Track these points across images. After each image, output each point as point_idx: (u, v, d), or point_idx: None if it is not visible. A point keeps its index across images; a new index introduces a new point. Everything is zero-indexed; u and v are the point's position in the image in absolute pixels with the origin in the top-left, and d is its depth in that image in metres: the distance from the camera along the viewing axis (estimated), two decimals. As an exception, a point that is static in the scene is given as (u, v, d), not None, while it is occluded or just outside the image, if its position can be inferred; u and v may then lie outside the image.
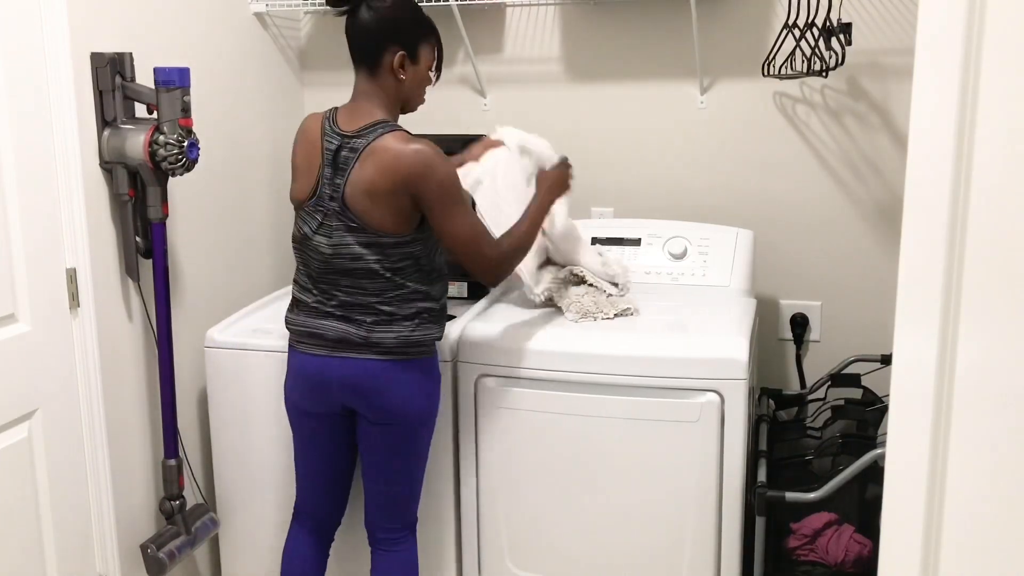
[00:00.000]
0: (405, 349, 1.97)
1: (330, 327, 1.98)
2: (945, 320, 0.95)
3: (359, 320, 1.96)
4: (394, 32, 1.93)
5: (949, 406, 0.97)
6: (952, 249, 0.94)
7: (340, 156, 1.92)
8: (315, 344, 2.00)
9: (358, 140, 1.91)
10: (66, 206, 2.01)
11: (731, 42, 2.68)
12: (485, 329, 2.28)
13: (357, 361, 1.97)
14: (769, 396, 2.69)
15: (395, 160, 1.87)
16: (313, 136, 1.98)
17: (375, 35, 1.92)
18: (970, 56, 0.90)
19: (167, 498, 2.30)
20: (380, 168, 1.87)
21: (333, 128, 1.95)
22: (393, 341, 1.96)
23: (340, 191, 1.91)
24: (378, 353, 1.97)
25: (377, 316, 1.96)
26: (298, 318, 2.04)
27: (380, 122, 1.92)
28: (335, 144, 1.93)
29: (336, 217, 1.92)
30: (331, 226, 1.93)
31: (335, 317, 1.98)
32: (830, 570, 2.17)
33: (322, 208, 1.94)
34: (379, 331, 1.96)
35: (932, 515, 0.99)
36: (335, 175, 1.92)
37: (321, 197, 1.94)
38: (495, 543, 2.29)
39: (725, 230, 2.58)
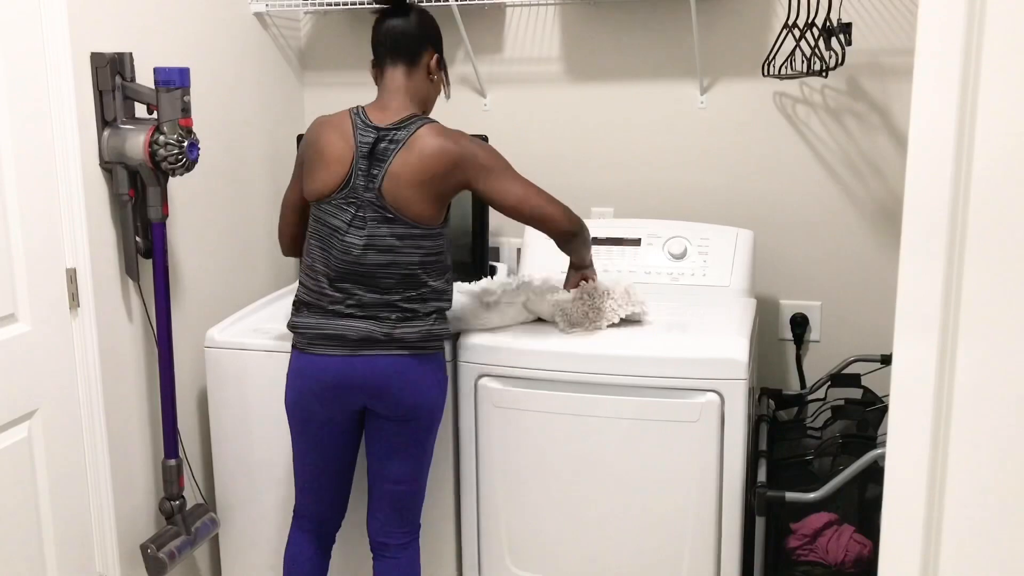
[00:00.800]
0: (426, 343, 2.01)
1: (351, 327, 1.98)
2: (945, 320, 0.95)
3: (383, 317, 1.98)
4: (434, 35, 2.08)
5: (949, 406, 0.97)
6: (952, 250, 0.94)
7: (378, 148, 1.96)
8: (333, 345, 1.99)
9: (398, 132, 1.97)
10: (66, 206, 2.01)
11: (731, 42, 2.68)
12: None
13: (380, 358, 1.98)
14: (769, 396, 2.69)
15: (442, 150, 1.96)
16: (341, 130, 2.00)
17: (420, 35, 2.04)
18: (970, 56, 0.90)
19: (167, 498, 2.30)
20: (426, 157, 1.94)
21: (366, 123, 1.99)
22: (416, 336, 1.99)
23: (378, 181, 1.95)
24: (402, 348, 1.98)
25: (402, 313, 1.98)
26: (310, 320, 2.02)
27: (415, 115, 2.01)
28: (372, 137, 1.97)
29: (371, 208, 1.96)
30: (365, 218, 1.96)
31: (356, 317, 1.98)
32: (830, 570, 2.17)
33: (355, 199, 1.97)
34: (402, 327, 1.98)
35: (932, 515, 0.99)
36: (371, 166, 1.96)
37: (355, 188, 1.97)
38: (495, 543, 2.29)
39: (725, 230, 2.58)
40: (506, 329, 2.27)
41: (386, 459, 2.07)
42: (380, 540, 2.13)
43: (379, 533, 2.13)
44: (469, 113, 2.89)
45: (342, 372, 2.00)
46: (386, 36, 2.04)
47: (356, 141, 1.98)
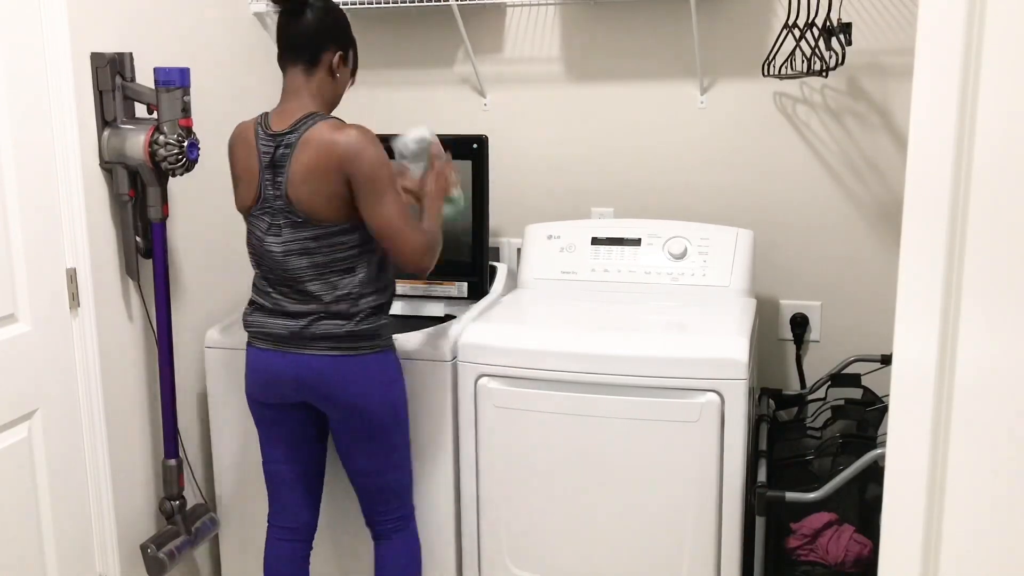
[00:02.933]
0: (354, 343, 2.00)
1: (282, 324, 2.01)
2: (945, 320, 0.95)
3: (309, 315, 1.99)
4: (334, 32, 2.00)
5: (949, 406, 0.97)
6: (952, 249, 0.94)
7: (277, 155, 1.95)
8: (269, 340, 2.03)
9: (291, 136, 1.94)
10: (66, 206, 2.01)
11: (731, 42, 2.68)
12: (485, 329, 2.28)
13: (307, 356, 2.00)
14: (769, 396, 2.69)
15: (329, 145, 1.91)
16: (247, 143, 2.02)
17: (318, 34, 1.97)
18: (970, 56, 0.90)
19: (167, 498, 2.30)
20: (315, 154, 1.91)
21: (266, 132, 1.98)
22: (340, 334, 1.99)
23: (282, 188, 1.95)
24: (329, 347, 1.99)
25: (326, 311, 1.98)
26: (253, 318, 2.06)
27: (312, 114, 1.96)
28: (271, 146, 1.96)
29: (283, 215, 1.96)
30: (279, 225, 1.97)
31: (287, 315, 2.01)
32: (830, 570, 2.17)
33: (268, 208, 1.98)
34: (326, 324, 1.99)
35: (932, 515, 0.99)
36: (275, 175, 1.96)
37: (266, 199, 1.98)
38: (495, 543, 2.29)
39: (725, 230, 2.58)
40: (506, 329, 2.27)
41: (345, 453, 2.11)
42: (371, 525, 2.17)
43: (369, 520, 2.17)
44: (469, 113, 2.89)
45: (275, 367, 2.03)
46: (284, 37, 1.98)
47: (259, 153, 1.98)
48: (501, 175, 2.82)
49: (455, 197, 2.16)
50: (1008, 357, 0.92)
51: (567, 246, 2.63)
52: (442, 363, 2.23)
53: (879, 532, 1.05)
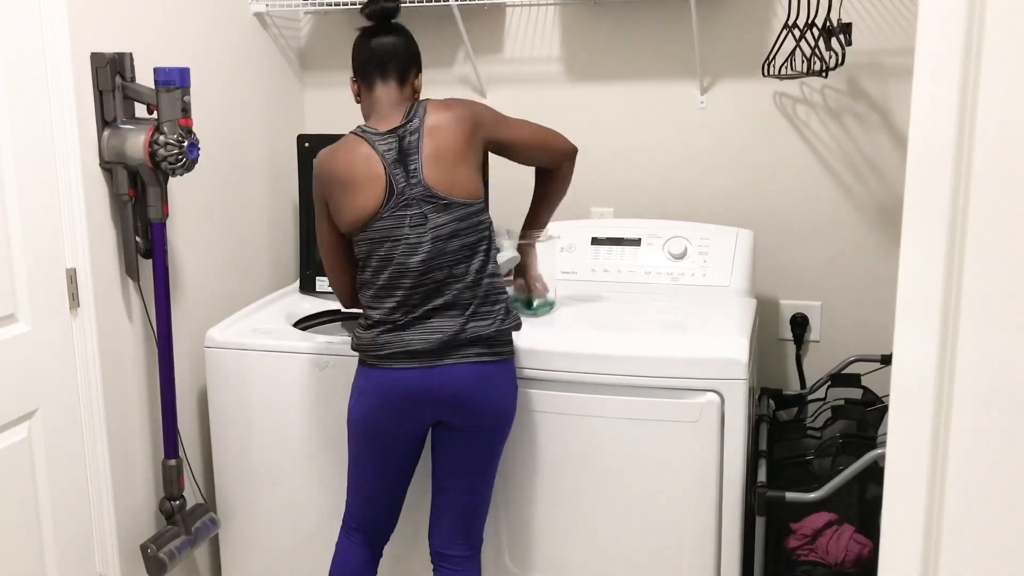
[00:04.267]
0: (504, 347, 2.00)
1: (428, 338, 1.94)
2: (945, 320, 0.95)
3: (460, 317, 1.95)
4: (418, 55, 2.09)
5: (949, 406, 0.97)
6: (952, 249, 0.94)
7: (404, 145, 1.97)
8: (410, 358, 1.94)
9: (411, 124, 1.98)
10: (66, 206, 2.01)
11: (731, 42, 2.68)
12: (485, 329, 2.28)
13: (459, 367, 1.94)
14: (769, 396, 2.69)
15: (456, 119, 2.00)
16: (359, 151, 1.97)
17: (410, 54, 2.06)
18: (970, 56, 0.90)
19: (167, 498, 2.30)
20: (448, 131, 1.98)
21: (377, 134, 1.98)
22: (493, 334, 1.98)
23: (419, 175, 1.95)
24: (478, 353, 1.96)
25: (475, 296, 1.97)
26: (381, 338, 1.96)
27: (414, 105, 2.03)
28: (392, 140, 1.97)
29: (424, 202, 1.95)
30: (423, 213, 1.94)
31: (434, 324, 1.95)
32: (830, 570, 2.17)
33: (405, 201, 1.94)
34: (474, 325, 1.96)
35: (932, 515, 0.99)
36: (406, 165, 1.96)
37: (400, 193, 1.94)
38: (495, 543, 2.29)
39: (725, 230, 2.58)
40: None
41: (457, 469, 2.04)
42: (442, 551, 2.10)
43: (441, 544, 2.10)
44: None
45: (419, 385, 1.95)
46: (380, 54, 2.02)
47: (379, 152, 1.96)
48: (501, 175, 2.82)
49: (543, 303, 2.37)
50: (1008, 357, 0.92)
51: (567, 246, 2.63)
52: (442, 363, 2.22)
53: (879, 532, 1.05)
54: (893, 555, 1.04)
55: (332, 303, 2.62)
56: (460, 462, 2.04)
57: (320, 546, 2.29)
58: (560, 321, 2.35)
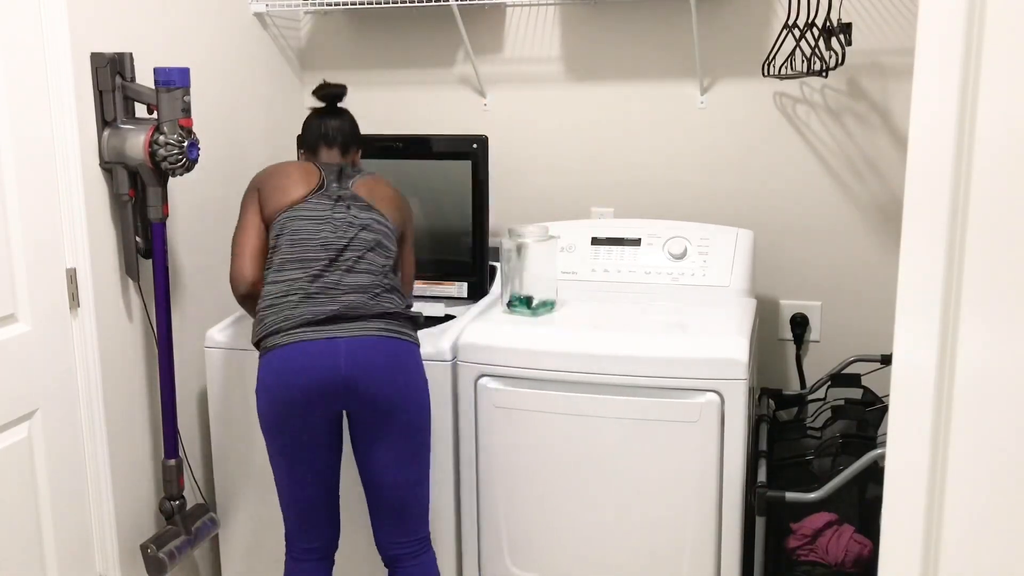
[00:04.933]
0: (411, 329, 2.06)
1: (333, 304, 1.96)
2: (945, 320, 0.95)
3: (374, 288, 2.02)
4: (359, 135, 2.31)
5: (949, 406, 0.97)
6: (952, 249, 0.94)
7: (343, 171, 2.18)
8: (311, 326, 1.94)
9: (353, 167, 2.24)
10: (66, 206, 2.01)
11: (731, 42, 2.68)
12: (485, 329, 2.28)
13: (366, 339, 1.95)
14: (769, 396, 2.69)
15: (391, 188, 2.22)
16: (291, 165, 2.19)
17: (354, 134, 2.28)
18: (970, 56, 0.90)
19: (167, 498, 2.30)
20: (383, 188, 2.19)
21: (323, 162, 2.20)
22: (403, 312, 2.04)
23: (350, 186, 2.15)
24: (386, 328, 1.98)
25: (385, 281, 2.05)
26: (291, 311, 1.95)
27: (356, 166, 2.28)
28: (334, 168, 2.18)
29: (351, 200, 2.12)
30: (347, 202, 2.11)
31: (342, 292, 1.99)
32: (830, 570, 2.17)
33: (332, 194, 2.12)
34: (388, 298, 2.03)
35: (932, 515, 0.99)
36: (342, 180, 2.16)
37: (329, 190, 2.13)
38: (495, 543, 2.29)
39: (725, 230, 2.58)
40: (506, 329, 2.27)
41: (379, 461, 2.00)
42: (389, 554, 2.07)
43: (387, 547, 2.07)
44: (469, 113, 2.89)
45: (324, 356, 1.91)
46: (327, 129, 2.22)
47: (319, 167, 2.17)
48: (501, 175, 2.82)
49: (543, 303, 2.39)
50: (1008, 357, 0.92)
51: (567, 246, 2.63)
52: (442, 363, 2.23)
53: (879, 532, 1.05)
54: (893, 555, 1.04)
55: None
56: (381, 452, 1.99)
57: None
58: (560, 321, 2.35)
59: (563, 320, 2.36)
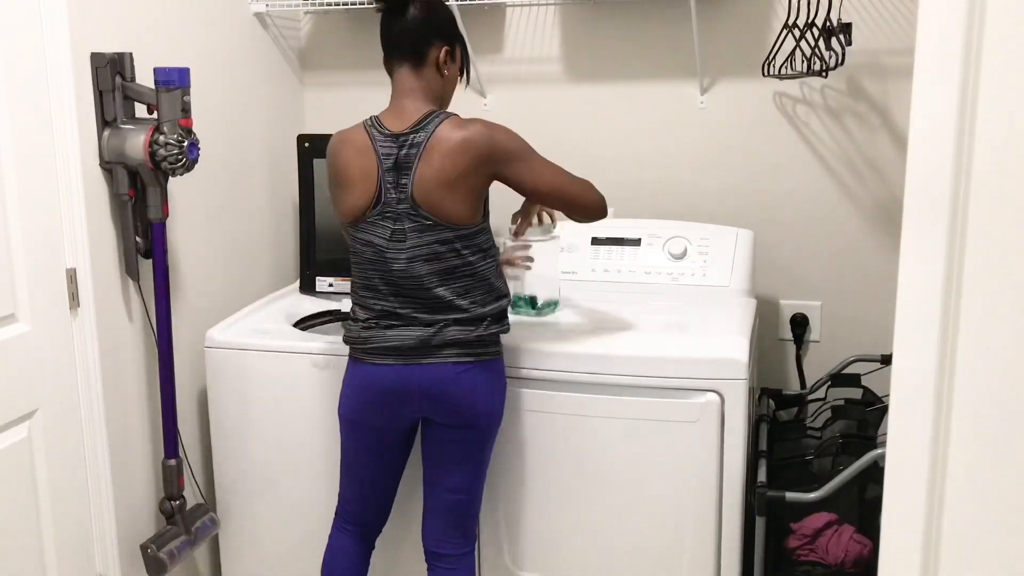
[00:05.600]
0: (482, 348, 1.97)
1: (405, 336, 1.94)
2: (945, 320, 0.95)
3: (436, 323, 1.94)
4: (440, 28, 1.96)
5: (949, 406, 0.97)
6: (952, 249, 0.94)
7: (401, 156, 1.90)
8: (390, 355, 1.95)
9: (416, 135, 1.90)
10: (66, 206, 2.01)
11: (731, 42, 2.68)
12: (485, 329, 2.28)
13: (435, 366, 1.94)
14: (769, 396, 2.69)
15: (464, 143, 1.89)
16: (360, 146, 1.93)
17: (424, 31, 1.93)
18: (970, 56, 0.90)
19: (167, 498, 2.30)
20: (451, 155, 1.88)
21: (384, 133, 1.92)
22: (470, 339, 1.95)
23: (408, 191, 1.89)
24: (457, 355, 1.95)
25: (454, 317, 1.94)
26: (364, 334, 1.98)
27: (431, 113, 1.93)
28: (393, 146, 1.91)
29: (408, 219, 1.90)
30: (404, 230, 1.91)
31: (410, 326, 1.95)
32: (830, 570, 2.17)
33: (391, 213, 1.91)
34: (454, 330, 1.94)
35: (932, 515, 0.99)
36: (399, 176, 1.90)
37: (387, 203, 1.91)
38: (495, 543, 2.29)
39: (725, 230, 2.58)
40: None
41: (443, 469, 2.04)
42: (434, 550, 2.10)
43: (434, 543, 2.10)
44: (469, 113, 2.88)
45: (398, 381, 1.95)
46: (390, 36, 1.95)
47: (378, 155, 1.91)
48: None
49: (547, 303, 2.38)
50: (1008, 357, 0.92)
51: (567, 246, 2.63)
52: (442, 363, 2.22)
53: (879, 532, 1.05)
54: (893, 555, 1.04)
55: (332, 303, 2.62)
56: (445, 459, 2.04)
57: (320, 546, 2.28)
58: (560, 321, 2.35)
59: (563, 320, 2.36)
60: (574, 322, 2.35)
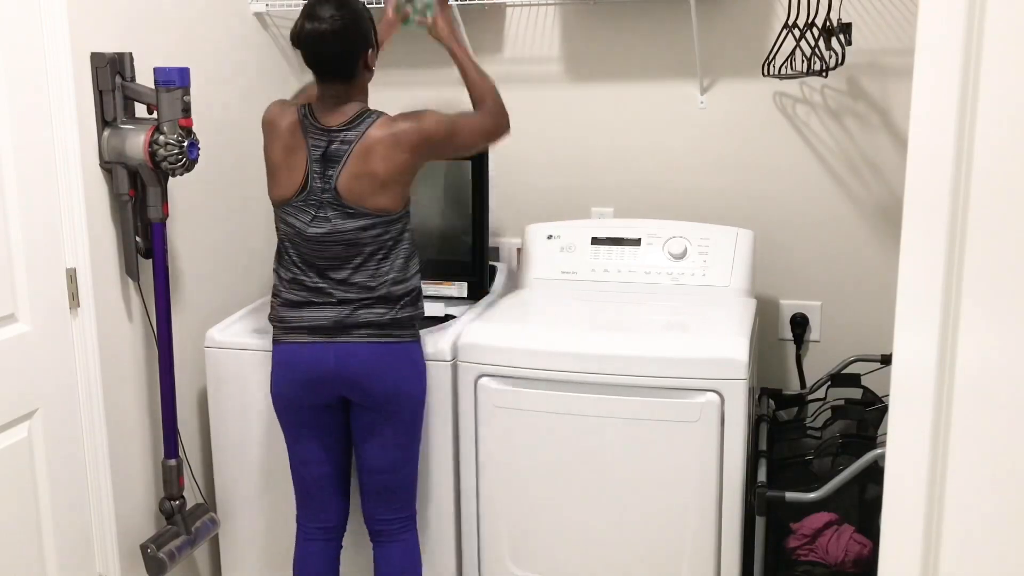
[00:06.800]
0: (395, 330, 2.05)
1: (323, 315, 2.03)
2: (945, 320, 0.95)
3: (352, 302, 2.03)
4: (365, 37, 2.02)
5: (949, 406, 0.97)
6: (952, 249, 0.94)
7: (331, 150, 2.00)
8: (309, 333, 2.04)
9: (348, 133, 1.99)
10: (66, 206, 2.01)
11: (731, 42, 2.67)
12: (485, 329, 2.28)
13: (352, 345, 2.02)
14: (769, 396, 2.69)
15: (395, 142, 1.99)
16: (288, 132, 2.03)
17: (349, 50, 1.99)
18: (970, 56, 0.90)
19: (167, 498, 2.30)
20: (383, 155, 1.98)
21: (316, 126, 2.01)
22: (383, 321, 2.03)
23: (332, 182, 2.00)
24: (370, 335, 2.03)
25: (369, 298, 2.03)
26: (285, 313, 2.07)
27: (365, 112, 2.03)
28: (323, 140, 2.00)
29: (330, 207, 2.01)
30: (326, 216, 2.01)
31: (327, 305, 2.03)
32: (830, 570, 2.17)
33: (314, 201, 2.02)
34: (366, 312, 2.03)
35: (932, 515, 0.99)
36: (326, 168, 2.00)
37: (312, 191, 2.01)
38: (495, 543, 2.29)
39: (725, 230, 2.58)
40: (506, 329, 2.27)
41: (368, 447, 2.11)
42: (373, 528, 2.17)
43: (370, 521, 2.17)
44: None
45: (317, 359, 2.04)
46: (317, 61, 1.99)
47: (308, 145, 2.01)
48: (501, 175, 2.82)
49: None
50: (1008, 357, 0.92)
51: (567, 246, 2.64)
52: (442, 363, 2.23)
53: (879, 532, 1.05)
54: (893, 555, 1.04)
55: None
56: (370, 440, 2.10)
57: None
58: (560, 321, 2.35)
59: (563, 320, 2.36)
60: (574, 322, 2.35)
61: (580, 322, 2.34)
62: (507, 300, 2.55)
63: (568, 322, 2.35)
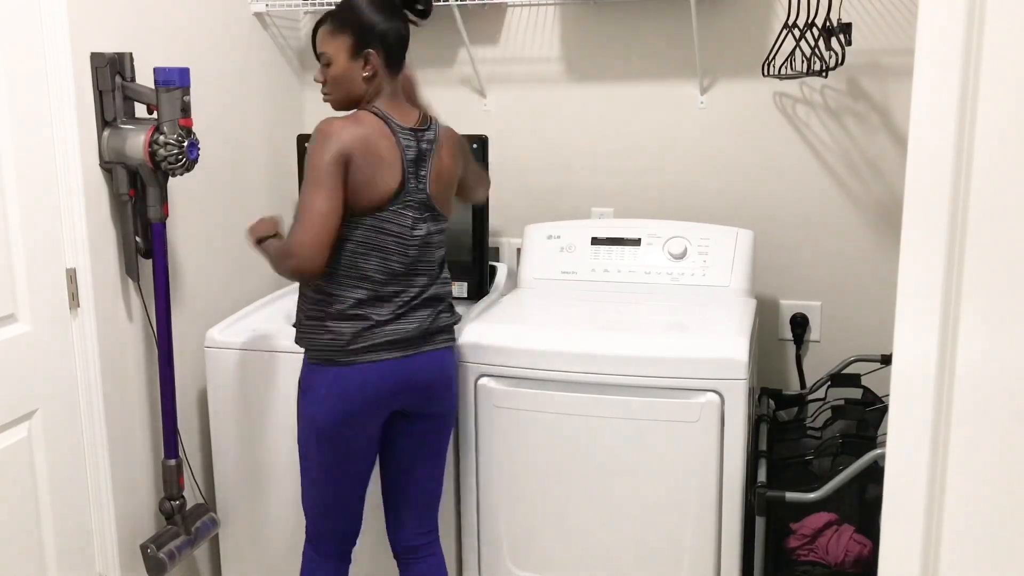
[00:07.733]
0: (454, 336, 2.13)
1: (411, 326, 1.98)
2: (945, 320, 0.95)
3: (434, 305, 2.04)
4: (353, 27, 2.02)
5: (949, 406, 0.97)
6: (952, 249, 0.94)
7: (421, 150, 1.97)
8: (390, 348, 1.95)
9: (427, 132, 2.00)
10: (66, 206, 2.01)
11: (731, 42, 2.68)
12: (485, 329, 2.28)
13: (435, 353, 2.04)
14: (769, 396, 2.69)
15: (461, 145, 2.11)
16: (378, 136, 1.90)
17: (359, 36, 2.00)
18: (970, 56, 0.90)
19: (167, 498, 2.30)
20: (454, 155, 2.06)
21: (400, 126, 1.94)
22: (453, 325, 2.10)
23: (425, 181, 1.98)
24: (447, 339, 2.07)
25: (443, 300, 2.07)
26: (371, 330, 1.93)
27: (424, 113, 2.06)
28: (412, 140, 1.96)
29: (424, 208, 1.98)
30: (422, 217, 1.98)
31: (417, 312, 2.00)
32: (830, 570, 2.17)
33: (411, 202, 1.95)
34: (446, 317, 2.07)
35: (932, 515, 0.99)
36: (419, 167, 1.97)
37: (408, 191, 1.94)
38: (495, 543, 2.29)
39: (725, 230, 2.58)
40: (506, 329, 2.27)
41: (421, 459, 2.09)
42: (410, 545, 2.11)
43: (410, 537, 2.11)
44: (469, 113, 2.89)
45: (395, 373, 1.95)
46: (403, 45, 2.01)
47: (400, 144, 1.92)
48: (501, 175, 2.82)
49: None
50: (1008, 357, 0.92)
51: (567, 246, 2.64)
52: (442, 363, 2.23)
53: (879, 532, 1.05)
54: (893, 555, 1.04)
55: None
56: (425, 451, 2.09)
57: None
58: (560, 321, 2.35)
59: (563, 320, 2.36)
60: (574, 322, 2.34)
61: (580, 322, 2.34)
62: (507, 300, 2.55)
63: (568, 322, 2.34)
